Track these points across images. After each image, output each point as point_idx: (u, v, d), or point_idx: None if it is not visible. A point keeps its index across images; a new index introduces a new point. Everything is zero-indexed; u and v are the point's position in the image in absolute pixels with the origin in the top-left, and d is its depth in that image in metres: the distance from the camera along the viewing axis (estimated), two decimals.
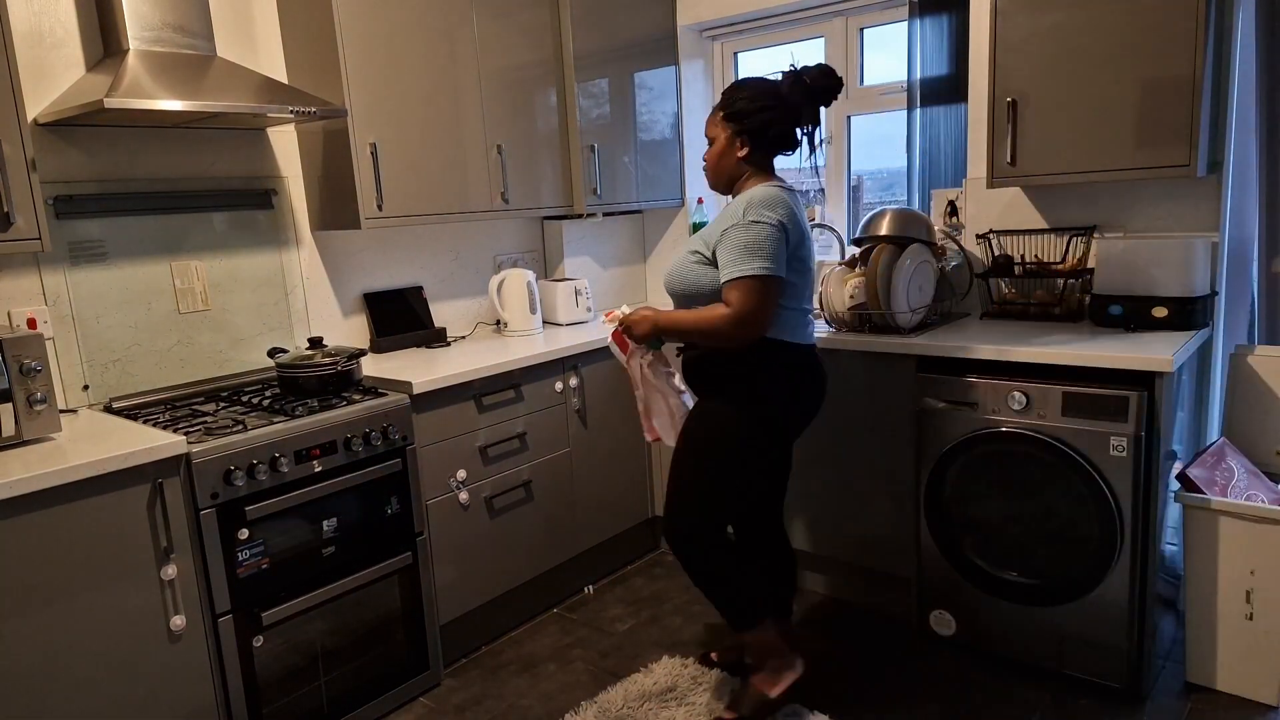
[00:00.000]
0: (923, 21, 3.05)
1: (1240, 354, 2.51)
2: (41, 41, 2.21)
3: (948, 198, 3.00)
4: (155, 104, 2.04)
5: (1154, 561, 2.26)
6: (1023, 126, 2.52)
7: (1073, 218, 2.76)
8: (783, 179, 2.17)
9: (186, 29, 2.28)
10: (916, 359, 2.54)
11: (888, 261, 2.65)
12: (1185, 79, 2.26)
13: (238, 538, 2.05)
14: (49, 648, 1.79)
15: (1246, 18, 2.44)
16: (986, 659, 2.54)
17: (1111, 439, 2.21)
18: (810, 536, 2.92)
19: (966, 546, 2.50)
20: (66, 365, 2.30)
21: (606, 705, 2.39)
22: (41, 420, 1.96)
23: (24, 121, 1.93)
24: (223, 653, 2.05)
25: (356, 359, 2.47)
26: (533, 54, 3.06)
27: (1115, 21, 2.33)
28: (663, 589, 3.10)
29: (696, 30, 3.64)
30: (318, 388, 2.38)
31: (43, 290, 2.25)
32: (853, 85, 3.39)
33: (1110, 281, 2.53)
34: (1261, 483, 2.36)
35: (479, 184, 2.92)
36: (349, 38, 2.52)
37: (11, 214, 1.93)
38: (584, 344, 2.93)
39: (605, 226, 3.73)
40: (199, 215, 2.53)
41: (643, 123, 3.48)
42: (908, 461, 2.62)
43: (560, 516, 2.96)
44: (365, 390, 2.44)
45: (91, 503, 1.82)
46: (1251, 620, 2.22)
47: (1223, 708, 2.25)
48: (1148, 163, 2.34)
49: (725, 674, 2.49)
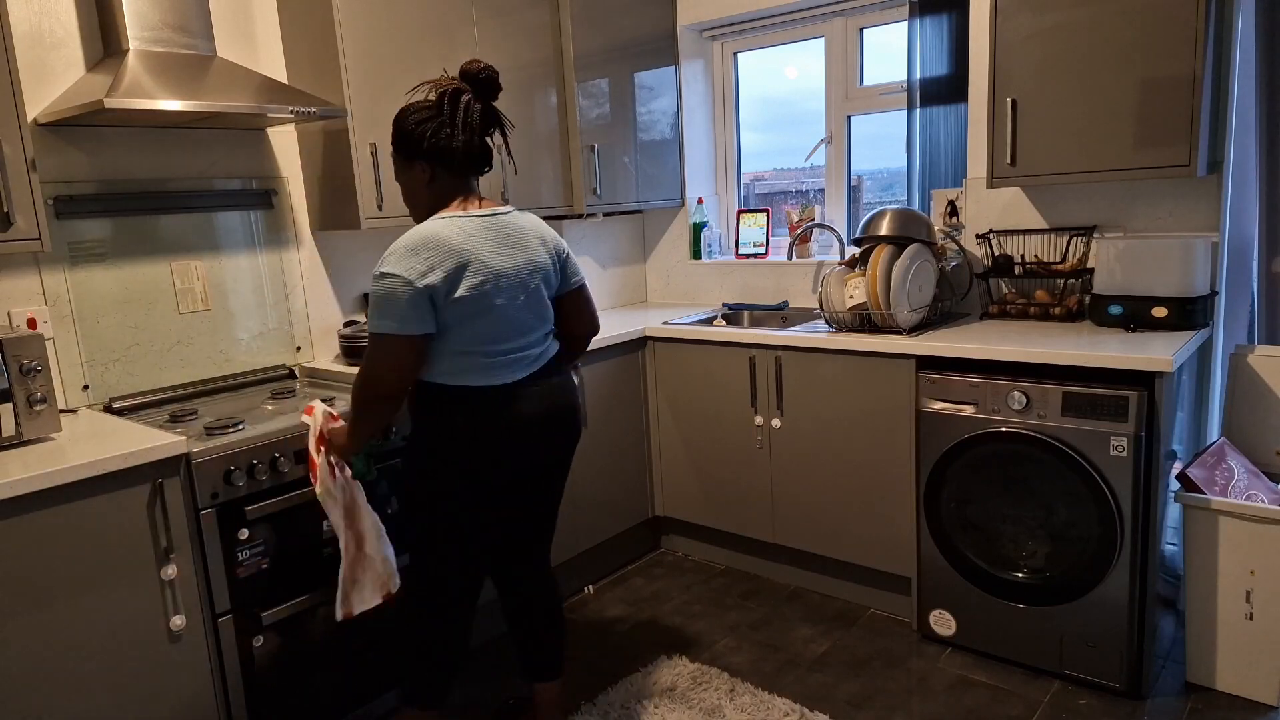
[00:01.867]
0: (923, 21, 3.05)
1: (1240, 354, 2.51)
2: (41, 41, 2.21)
3: (948, 198, 3.00)
4: (155, 104, 2.04)
5: (1154, 561, 2.26)
6: (1023, 126, 2.52)
7: (1073, 218, 2.77)
8: (472, 205, 1.92)
9: (186, 29, 2.28)
10: (916, 359, 2.54)
11: (888, 261, 2.65)
12: (1185, 79, 2.26)
13: (237, 538, 2.05)
14: (49, 648, 1.79)
15: (1246, 18, 2.44)
16: (986, 659, 2.54)
17: (1111, 439, 2.21)
18: (810, 536, 2.92)
19: (966, 546, 2.50)
20: (66, 365, 2.30)
21: (606, 705, 2.39)
22: (41, 420, 1.96)
23: (24, 121, 1.93)
24: (223, 653, 2.05)
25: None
26: (533, 54, 3.06)
27: (1115, 21, 2.33)
28: (663, 589, 3.11)
29: (696, 30, 3.64)
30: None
31: (43, 290, 2.25)
32: (853, 85, 3.40)
33: (1110, 281, 2.53)
34: (1261, 483, 2.36)
35: (478, 184, 2.92)
36: (349, 38, 2.52)
37: (11, 214, 1.93)
38: None
39: (605, 226, 3.73)
40: (199, 215, 2.53)
41: (643, 123, 3.48)
42: (908, 461, 2.62)
43: (560, 516, 2.96)
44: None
45: (91, 503, 1.82)
46: (1251, 620, 2.22)
47: (1222, 708, 2.25)
48: (1148, 163, 2.34)
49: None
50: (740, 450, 3.03)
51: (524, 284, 1.91)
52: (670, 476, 3.26)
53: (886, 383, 2.63)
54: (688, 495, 3.23)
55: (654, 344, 3.19)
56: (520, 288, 1.91)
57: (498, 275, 1.87)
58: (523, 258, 1.92)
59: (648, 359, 3.22)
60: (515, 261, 1.90)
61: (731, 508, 3.11)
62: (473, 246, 1.85)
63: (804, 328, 2.89)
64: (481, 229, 1.88)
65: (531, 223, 2.00)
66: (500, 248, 1.89)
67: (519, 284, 1.90)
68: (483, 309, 1.86)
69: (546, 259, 1.98)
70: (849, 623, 2.81)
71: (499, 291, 1.87)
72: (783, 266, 3.47)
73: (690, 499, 3.22)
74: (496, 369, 1.90)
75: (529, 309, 1.93)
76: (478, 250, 1.85)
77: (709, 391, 3.07)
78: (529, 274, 1.93)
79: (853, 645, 2.67)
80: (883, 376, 2.64)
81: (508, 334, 1.90)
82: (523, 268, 1.91)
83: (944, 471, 2.50)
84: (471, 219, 1.89)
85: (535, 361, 1.96)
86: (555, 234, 2.06)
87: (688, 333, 3.08)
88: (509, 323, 1.90)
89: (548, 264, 1.98)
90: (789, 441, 2.89)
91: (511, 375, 1.92)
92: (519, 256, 1.91)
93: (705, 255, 3.73)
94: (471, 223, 1.88)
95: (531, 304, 1.94)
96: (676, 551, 3.41)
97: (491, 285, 1.86)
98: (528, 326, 1.94)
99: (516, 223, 1.96)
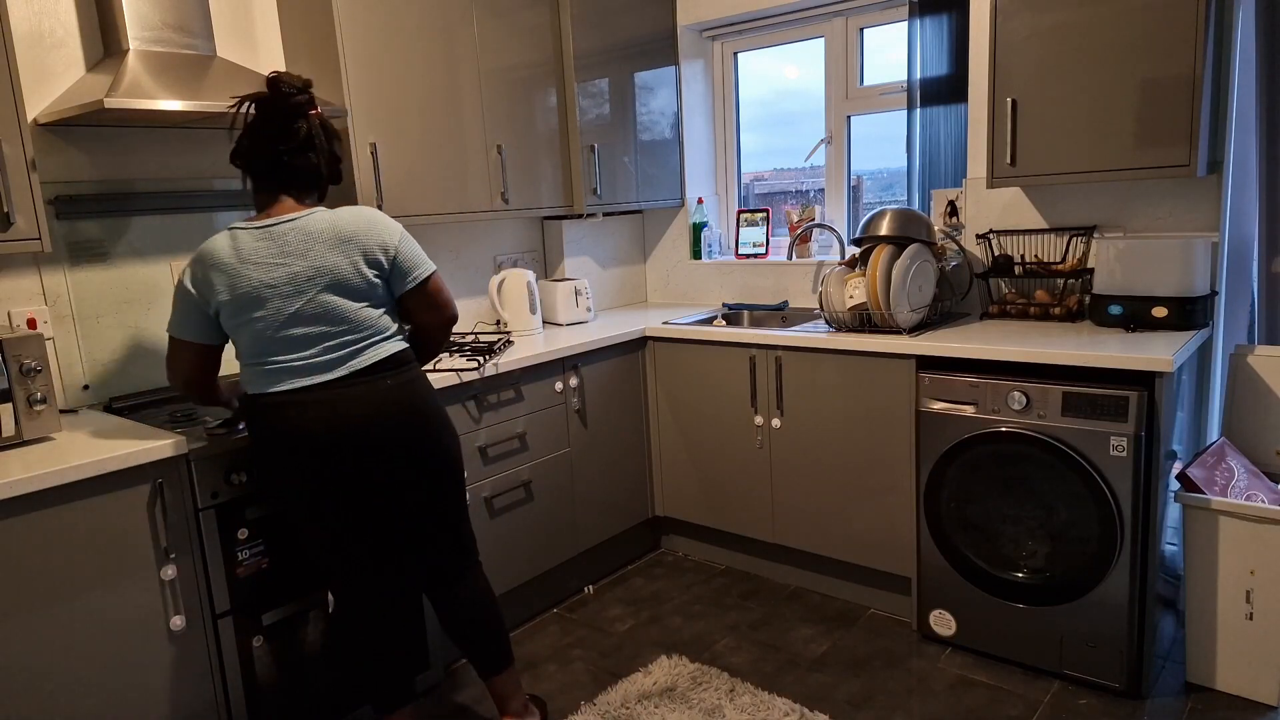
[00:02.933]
0: (923, 21, 3.05)
1: (1240, 354, 2.51)
2: (41, 41, 2.21)
3: (948, 198, 3.00)
4: (155, 104, 2.04)
5: (1154, 561, 2.26)
6: (1023, 126, 2.52)
7: (1073, 218, 2.77)
8: (273, 214, 1.91)
9: (186, 29, 2.28)
10: (916, 359, 2.54)
11: (888, 261, 2.65)
12: (1185, 78, 2.26)
13: (237, 538, 2.05)
14: (49, 647, 1.79)
15: (1246, 18, 2.44)
16: (986, 659, 2.54)
17: (1111, 439, 2.21)
18: (810, 536, 2.92)
19: (966, 546, 2.50)
20: (66, 365, 2.30)
21: (606, 705, 2.39)
22: (41, 420, 1.96)
23: (24, 121, 1.93)
24: (222, 653, 2.05)
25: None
26: (533, 54, 3.06)
27: (1115, 21, 2.33)
28: (663, 589, 3.11)
29: (696, 30, 3.64)
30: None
31: (43, 290, 2.25)
32: (853, 85, 3.40)
33: (1110, 281, 2.53)
34: (1261, 483, 2.36)
35: (479, 184, 2.93)
36: (349, 38, 2.52)
37: (11, 214, 1.93)
38: (584, 344, 2.93)
39: (605, 226, 3.73)
40: (199, 215, 2.53)
41: (643, 123, 3.48)
42: (907, 461, 2.62)
43: (560, 516, 2.96)
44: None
45: (91, 503, 1.82)
46: (1251, 620, 2.22)
47: (1222, 708, 2.25)
48: (1148, 163, 2.34)
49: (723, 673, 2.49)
50: (740, 450, 3.02)
51: (299, 292, 1.86)
52: (670, 476, 3.26)
53: (886, 383, 2.63)
54: (688, 495, 3.23)
55: (654, 344, 3.20)
56: (295, 295, 1.86)
57: (260, 285, 1.85)
58: (300, 265, 1.86)
59: (648, 359, 3.22)
60: (290, 270, 1.86)
61: (731, 507, 3.11)
62: (235, 259, 1.86)
63: (804, 328, 2.89)
64: (256, 239, 1.88)
65: (330, 226, 1.90)
66: (274, 257, 1.86)
67: (292, 292, 1.86)
68: (245, 320, 1.87)
69: (339, 262, 1.88)
70: (849, 623, 2.81)
71: (259, 303, 1.85)
72: (783, 266, 3.47)
73: (690, 499, 3.22)
74: (274, 374, 1.89)
75: (312, 317, 1.87)
76: (242, 262, 1.86)
77: (709, 391, 3.07)
78: (305, 281, 1.86)
79: (853, 645, 2.67)
80: (883, 376, 2.64)
81: (282, 344, 1.87)
82: (297, 275, 1.86)
83: (944, 471, 2.50)
84: (250, 230, 1.89)
85: (333, 367, 1.89)
86: (384, 233, 1.94)
87: (688, 333, 3.08)
88: (278, 332, 1.87)
89: (341, 267, 1.88)
90: (789, 441, 2.89)
91: (298, 381, 1.88)
92: (295, 265, 1.86)
93: (705, 255, 3.73)
94: (249, 234, 1.88)
95: (314, 311, 1.87)
96: (676, 551, 3.41)
97: (251, 296, 1.85)
98: (310, 336, 1.88)
99: (305, 228, 1.89)
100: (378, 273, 1.93)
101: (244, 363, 1.93)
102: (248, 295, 1.85)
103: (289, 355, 1.88)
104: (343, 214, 1.93)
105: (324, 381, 1.89)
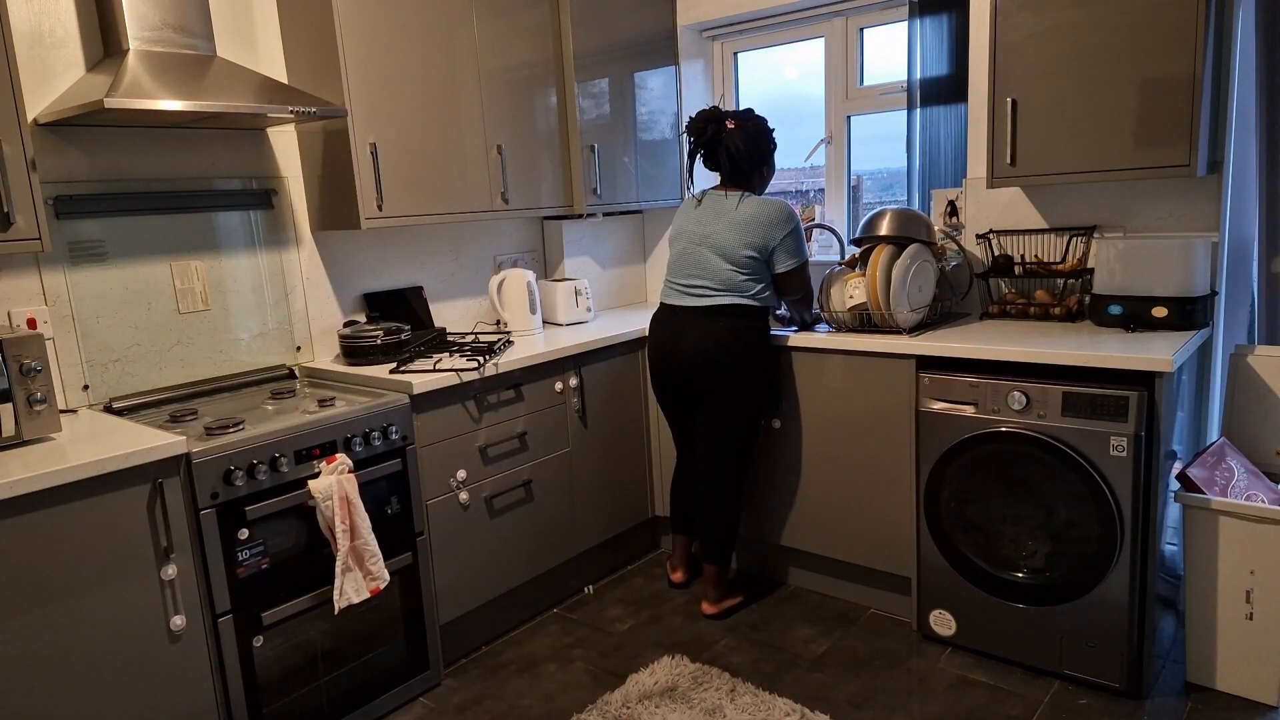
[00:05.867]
0: (922, 21, 3.05)
1: (1240, 354, 2.51)
2: (41, 41, 2.21)
3: (948, 198, 3.00)
4: (155, 104, 2.04)
5: (1154, 561, 2.26)
6: (1023, 126, 2.52)
7: (1073, 218, 2.77)
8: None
9: (186, 29, 2.28)
10: (916, 359, 2.54)
11: (888, 261, 2.65)
12: (1185, 79, 2.26)
13: (238, 538, 2.05)
14: (49, 648, 1.79)
15: (1246, 18, 2.44)
16: (986, 659, 2.54)
17: (1111, 439, 2.21)
18: (810, 536, 2.92)
19: (966, 546, 2.50)
20: (66, 365, 2.30)
21: (606, 705, 2.39)
22: (41, 420, 1.96)
23: (24, 121, 1.93)
24: (223, 653, 2.05)
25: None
26: (533, 54, 3.06)
27: (1115, 21, 2.33)
28: (663, 589, 3.11)
29: (696, 30, 3.64)
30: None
31: (43, 290, 2.25)
32: (853, 85, 3.40)
33: (1110, 281, 2.53)
34: (1261, 483, 2.36)
35: (479, 184, 2.93)
36: (349, 38, 2.52)
37: (11, 214, 1.93)
38: (584, 344, 2.93)
39: (605, 226, 3.73)
40: (199, 215, 2.53)
41: (643, 123, 3.48)
42: (908, 461, 2.62)
43: (560, 516, 2.96)
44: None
45: (91, 503, 1.82)
46: (1251, 620, 2.22)
47: (1222, 708, 2.25)
48: (1148, 163, 2.35)
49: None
50: None
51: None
52: (670, 476, 3.26)
53: (886, 383, 2.63)
54: None
55: None
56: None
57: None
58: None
59: (648, 359, 3.22)
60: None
61: None
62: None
63: None
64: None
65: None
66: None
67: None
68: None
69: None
70: (849, 623, 2.81)
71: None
72: None
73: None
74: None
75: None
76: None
77: None
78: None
79: (853, 645, 2.67)
80: (883, 376, 2.64)
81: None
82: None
83: (944, 471, 2.50)
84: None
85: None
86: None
87: None
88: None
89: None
90: (789, 441, 2.89)
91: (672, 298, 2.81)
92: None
93: None
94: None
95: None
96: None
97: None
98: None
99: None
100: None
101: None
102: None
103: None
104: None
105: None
